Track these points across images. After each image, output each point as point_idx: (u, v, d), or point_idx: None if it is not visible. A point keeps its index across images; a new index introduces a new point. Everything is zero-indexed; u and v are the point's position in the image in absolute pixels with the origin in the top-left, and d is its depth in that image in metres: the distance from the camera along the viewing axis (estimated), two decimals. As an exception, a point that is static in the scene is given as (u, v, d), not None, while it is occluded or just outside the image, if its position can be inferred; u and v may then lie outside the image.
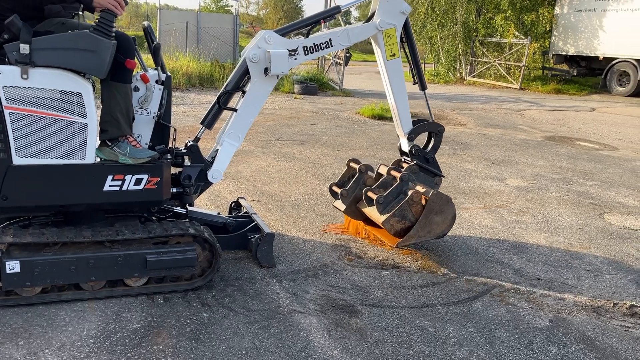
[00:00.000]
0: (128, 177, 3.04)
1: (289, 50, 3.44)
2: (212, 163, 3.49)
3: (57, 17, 2.99)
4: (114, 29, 2.90)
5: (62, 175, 2.92)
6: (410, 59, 3.99)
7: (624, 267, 3.94)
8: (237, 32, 17.95)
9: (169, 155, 3.24)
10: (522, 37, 18.18)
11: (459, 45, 20.20)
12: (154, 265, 3.05)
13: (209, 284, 3.26)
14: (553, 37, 18.84)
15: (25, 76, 2.73)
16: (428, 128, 4.08)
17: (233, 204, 4.29)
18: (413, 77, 4.04)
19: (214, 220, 3.70)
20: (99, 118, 3.01)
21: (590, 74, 18.73)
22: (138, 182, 3.07)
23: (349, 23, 4.08)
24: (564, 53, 18.59)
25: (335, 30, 3.66)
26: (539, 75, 19.82)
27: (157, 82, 3.19)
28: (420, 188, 3.77)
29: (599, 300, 3.39)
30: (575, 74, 18.59)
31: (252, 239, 3.62)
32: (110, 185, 3.02)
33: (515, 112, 12.63)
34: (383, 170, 4.09)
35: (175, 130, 3.31)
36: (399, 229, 3.70)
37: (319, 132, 8.88)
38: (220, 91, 3.52)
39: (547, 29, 19.06)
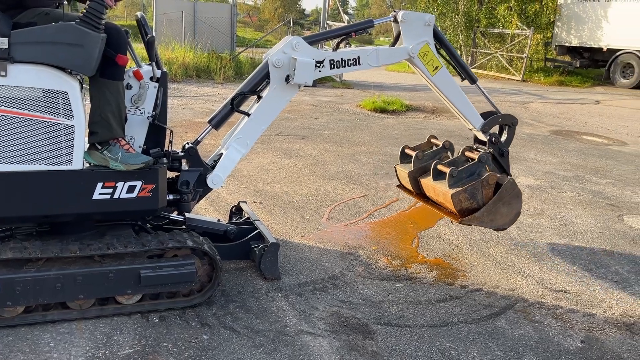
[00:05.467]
0: (120, 185, 2.76)
1: (315, 60, 3.16)
2: (213, 167, 3.20)
3: (40, 7, 2.68)
4: (103, 21, 2.60)
5: (46, 183, 2.64)
6: (451, 61, 3.69)
7: (653, 277, 3.69)
8: (235, 22, 17.55)
9: (164, 160, 2.96)
10: (524, 27, 17.85)
11: (460, 36, 19.85)
12: (148, 281, 2.78)
13: (209, 300, 2.99)
14: (556, 28, 18.49)
15: (3, 73, 2.44)
16: (502, 120, 3.82)
17: (234, 208, 4.01)
18: (459, 75, 3.76)
19: (214, 228, 3.41)
20: (87, 119, 2.73)
21: (593, 65, 18.39)
22: (131, 189, 2.79)
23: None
24: (567, 44, 18.26)
25: (365, 48, 3.38)
26: (541, 67, 19.49)
27: (151, 79, 2.91)
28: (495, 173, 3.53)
29: (630, 316, 3.14)
30: (577, 65, 18.25)
31: (256, 249, 3.35)
32: (100, 194, 2.74)
33: (519, 105, 12.34)
34: (468, 154, 3.78)
35: (171, 132, 3.02)
36: (465, 207, 3.45)
37: (320, 126, 8.59)
38: (235, 92, 3.23)
39: (551, 19, 18.71)
